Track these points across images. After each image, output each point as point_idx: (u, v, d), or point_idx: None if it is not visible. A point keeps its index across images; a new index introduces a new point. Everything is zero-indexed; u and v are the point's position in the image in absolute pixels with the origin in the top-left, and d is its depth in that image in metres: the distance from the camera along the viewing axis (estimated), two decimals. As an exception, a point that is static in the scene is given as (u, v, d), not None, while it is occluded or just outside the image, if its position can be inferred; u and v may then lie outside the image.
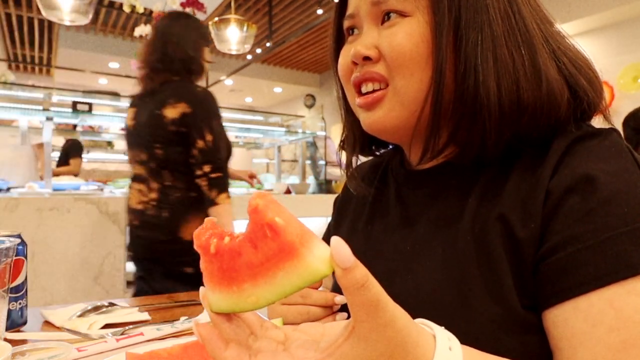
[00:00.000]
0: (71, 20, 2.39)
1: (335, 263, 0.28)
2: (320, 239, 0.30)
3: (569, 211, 0.40)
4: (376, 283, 0.29)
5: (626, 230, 0.38)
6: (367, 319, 0.29)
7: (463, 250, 0.46)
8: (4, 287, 0.50)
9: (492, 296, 0.42)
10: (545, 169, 0.43)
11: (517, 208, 0.44)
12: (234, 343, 0.33)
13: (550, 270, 0.41)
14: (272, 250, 0.31)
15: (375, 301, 0.29)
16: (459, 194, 0.50)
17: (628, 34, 3.75)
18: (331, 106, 7.80)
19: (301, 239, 0.30)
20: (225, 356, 0.32)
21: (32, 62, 7.26)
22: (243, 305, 0.32)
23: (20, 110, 2.11)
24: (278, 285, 0.31)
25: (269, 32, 5.12)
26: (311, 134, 3.21)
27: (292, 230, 0.30)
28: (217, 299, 0.33)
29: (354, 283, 0.28)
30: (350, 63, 0.52)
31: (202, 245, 0.33)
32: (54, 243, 1.81)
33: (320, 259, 0.29)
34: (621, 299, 0.37)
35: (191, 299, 0.88)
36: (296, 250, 0.30)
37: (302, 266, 0.30)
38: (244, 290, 0.32)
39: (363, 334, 0.30)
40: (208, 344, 0.32)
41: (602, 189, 0.40)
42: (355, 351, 0.30)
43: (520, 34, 0.46)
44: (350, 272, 0.28)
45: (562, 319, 0.40)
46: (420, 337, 0.32)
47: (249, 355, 0.32)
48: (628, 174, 0.41)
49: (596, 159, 0.42)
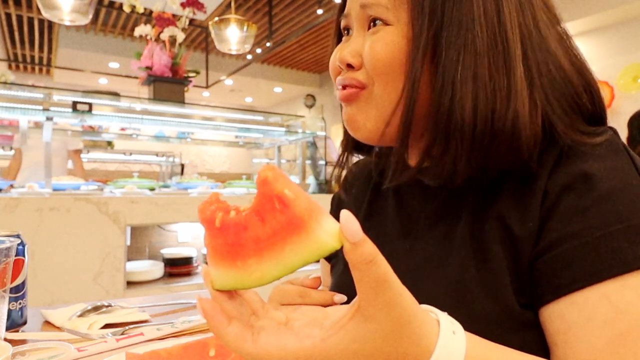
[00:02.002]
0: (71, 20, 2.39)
1: (345, 237, 0.28)
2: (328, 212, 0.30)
3: (565, 209, 0.41)
4: (384, 261, 0.29)
5: (622, 227, 0.38)
6: (374, 297, 0.29)
7: (461, 248, 0.46)
8: (4, 287, 0.50)
9: (490, 295, 0.43)
10: (543, 167, 0.44)
11: (515, 208, 0.44)
12: (237, 320, 0.32)
13: (546, 267, 0.41)
14: (280, 224, 0.30)
15: (383, 278, 0.29)
16: (457, 194, 0.50)
17: (628, 34, 3.75)
18: (331, 106, 7.80)
19: (310, 213, 0.30)
20: (227, 332, 0.31)
21: (32, 62, 7.26)
22: (247, 281, 0.31)
23: (20, 110, 2.10)
24: (285, 259, 0.30)
25: (269, 32, 5.12)
26: (311, 134, 3.21)
27: (302, 204, 0.30)
28: (220, 275, 0.32)
29: (362, 259, 0.28)
30: (337, 64, 0.53)
31: (207, 219, 0.32)
32: (54, 243, 1.81)
33: (329, 233, 0.29)
34: (616, 293, 0.37)
35: (191, 299, 0.88)
36: (305, 224, 0.29)
37: (311, 240, 0.29)
38: (248, 266, 0.31)
39: (369, 312, 0.29)
40: (211, 320, 0.31)
41: (598, 186, 0.40)
42: (360, 331, 0.30)
43: (504, 54, 0.44)
44: (359, 246, 0.28)
45: (558, 314, 0.40)
46: (425, 320, 0.32)
47: (251, 332, 0.31)
48: (624, 173, 0.41)
49: (593, 157, 0.42)
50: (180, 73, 2.87)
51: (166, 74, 2.79)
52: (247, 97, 9.25)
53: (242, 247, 0.31)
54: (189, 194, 2.36)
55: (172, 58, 2.83)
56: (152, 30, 2.80)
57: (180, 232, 2.47)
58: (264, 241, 0.30)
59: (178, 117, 2.83)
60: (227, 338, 0.31)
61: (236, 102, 9.49)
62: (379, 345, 0.30)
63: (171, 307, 0.84)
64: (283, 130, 3.28)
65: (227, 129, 3.12)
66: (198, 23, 5.64)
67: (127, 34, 6.35)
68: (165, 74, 2.79)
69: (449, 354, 0.32)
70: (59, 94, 2.36)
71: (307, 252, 0.29)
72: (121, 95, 2.88)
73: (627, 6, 3.53)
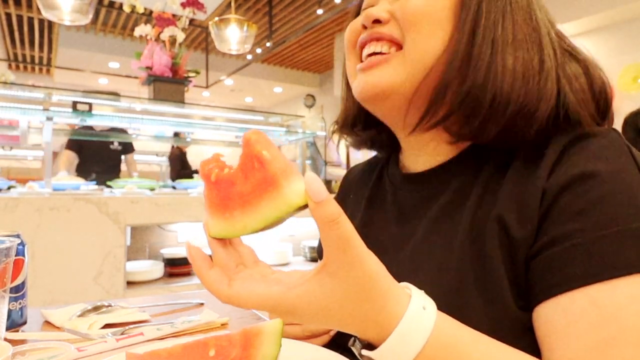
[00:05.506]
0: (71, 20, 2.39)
1: (309, 196, 0.30)
2: (302, 175, 0.32)
3: (561, 209, 0.40)
4: (348, 222, 0.31)
5: (616, 230, 0.37)
6: (336, 256, 0.31)
7: (460, 252, 0.45)
8: (4, 287, 0.50)
9: (489, 297, 0.42)
10: (543, 168, 0.43)
11: (514, 209, 0.43)
12: (218, 267, 0.35)
13: (538, 268, 0.40)
14: (258, 181, 0.34)
15: (345, 238, 0.30)
16: (456, 196, 0.49)
17: (628, 34, 3.75)
18: (331, 106, 7.79)
19: (284, 173, 0.33)
20: (208, 274, 0.34)
21: (32, 62, 7.26)
22: (233, 231, 0.35)
23: (20, 110, 2.10)
24: (261, 213, 0.34)
25: (269, 32, 5.12)
26: (311, 134, 3.21)
27: (277, 164, 0.33)
28: (214, 224, 0.36)
29: (325, 217, 0.30)
30: (359, 27, 0.52)
31: (205, 174, 0.37)
32: (54, 243, 1.81)
33: (296, 192, 0.32)
34: (604, 298, 0.36)
35: (191, 299, 0.88)
36: (277, 182, 0.33)
37: (280, 197, 0.32)
38: (234, 217, 0.35)
39: (332, 269, 0.31)
40: (194, 262, 0.35)
41: (596, 188, 0.39)
42: (323, 286, 0.31)
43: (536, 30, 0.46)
44: (323, 206, 0.30)
45: (544, 317, 0.39)
46: (392, 291, 0.33)
47: (229, 278, 0.34)
48: (625, 174, 0.40)
49: (594, 157, 0.41)
50: (180, 73, 2.87)
51: (166, 74, 2.79)
52: (247, 97, 9.25)
53: (230, 200, 0.35)
54: (189, 194, 2.36)
55: (172, 58, 2.83)
56: (152, 30, 2.80)
57: (180, 232, 2.47)
58: (246, 195, 0.34)
59: (178, 117, 2.83)
60: (206, 280, 0.34)
61: (236, 102, 9.48)
62: (340, 303, 0.32)
63: (171, 307, 0.84)
64: (283, 130, 3.28)
65: (227, 129, 3.12)
66: (198, 23, 5.64)
67: (127, 34, 6.35)
68: (165, 74, 2.78)
69: (415, 328, 0.33)
70: (59, 94, 2.35)
71: (277, 207, 0.33)
72: (121, 95, 2.88)
73: (627, 6, 3.53)
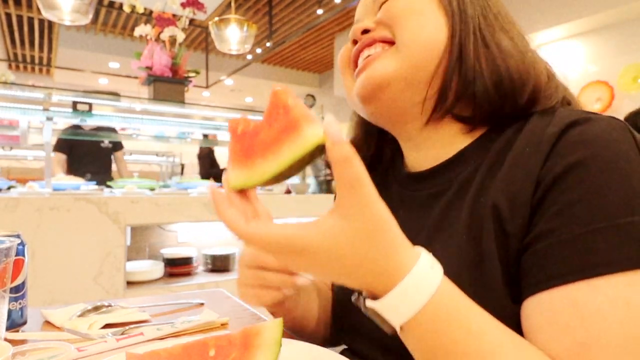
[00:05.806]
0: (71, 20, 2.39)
1: (327, 136, 0.32)
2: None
3: (552, 202, 0.38)
4: (361, 164, 0.32)
5: (604, 226, 0.35)
6: (348, 195, 0.32)
7: (458, 248, 0.45)
8: (4, 287, 0.50)
9: (485, 292, 0.42)
10: (537, 157, 0.41)
11: (508, 200, 0.42)
12: (237, 208, 0.36)
13: (526, 263, 0.39)
14: (282, 126, 0.36)
15: (357, 177, 0.32)
16: (460, 189, 0.49)
17: (628, 34, 3.74)
18: (331, 106, 7.79)
19: (306, 117, 0.35)
20: (227, 212, 0.35)
21: (32, 62, 7.25)
22: (253, 177, 0.37)
23: (20, 110, 2.10)
24: (280, 155, 0.35)
25: (269, 32, 5.12)
26: (311, 134, 3.20)
27: (300, 110, 0.35)
28: (235, 174, 0.38)
29: (340, 155, 0.32)
30: (350, 48, 0.55)
31: (233, 128, 0.39)
32: (54, 243, 1.81)
33: (314, 134, 0.34)
34: (583, 297, 0.34)
35: (191, 299, 0.88)
36: (299, 124, 0.35)
37: (301, 137, 0.34)
38: (255, 164, 0.37)
39: (344, 210, 0.33)
40: (216, 201, 0.36)
41: (590, 177, 0.37)
42: (335, 227, 0.33)
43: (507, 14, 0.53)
44: (338, 145, 0.32)
45: (527, 313, 0.38)
46: (403, 243, 0.35)
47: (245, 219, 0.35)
48: (623, 162, 0.37)
49: (591, 144, 0.38)
50: (180, 73, 2.87)
51: (166, 74, 2.79)
52: (247, 97, 9.25)
53: (252, 149, 0.37)
54: (189, 194, 2.36)
55: (172, 58, 2.82)
56: (152, 30, 2.80)
57: (180, 232, 2.47)
58: (268, 142, 0.36)
59: (178, 117, 2.83)
60: (225, 216, 0.35)
61: (236, 102, 9.48)
62: (352, 243, 0.32)
63: (171, 307, 0.84)
64: (283, 130, 3.27)
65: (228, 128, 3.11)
66: (198, 23, 5.64)
67: (127, 34, 6.34)
68: (165, 74, 2.78)
69: (421, 283, 0.34)
70: (59, 94, 2.35)
71: (296, 147, 0.34)
72: (121, 95, 2.87)
73: (627, 6, 3.53)
